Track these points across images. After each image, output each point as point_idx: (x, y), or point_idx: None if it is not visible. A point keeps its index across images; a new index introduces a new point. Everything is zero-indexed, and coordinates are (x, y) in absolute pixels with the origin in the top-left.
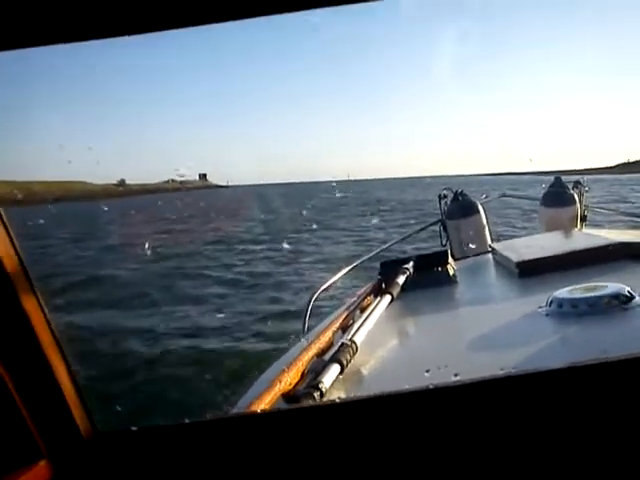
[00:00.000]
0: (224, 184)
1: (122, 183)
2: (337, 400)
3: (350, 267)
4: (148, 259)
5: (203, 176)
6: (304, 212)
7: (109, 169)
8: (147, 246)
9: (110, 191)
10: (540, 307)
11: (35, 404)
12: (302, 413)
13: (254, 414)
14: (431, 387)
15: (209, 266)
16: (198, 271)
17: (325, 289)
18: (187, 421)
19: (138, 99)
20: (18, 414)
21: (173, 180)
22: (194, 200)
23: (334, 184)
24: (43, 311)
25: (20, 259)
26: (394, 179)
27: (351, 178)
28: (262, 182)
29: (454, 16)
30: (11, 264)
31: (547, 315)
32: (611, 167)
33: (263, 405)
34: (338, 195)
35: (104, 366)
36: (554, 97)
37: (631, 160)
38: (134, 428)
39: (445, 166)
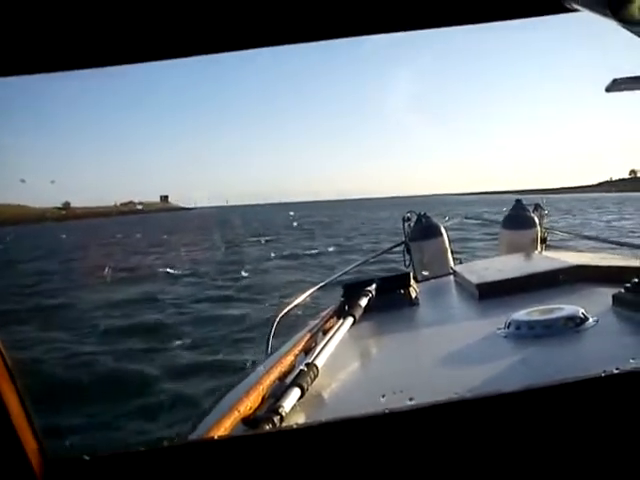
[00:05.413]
0: (188, 206)
1: (66, 206)
2: (294, 426)
3: (314, 288)
4: None
5: (164, 198)
6: None
7: (56, 190)
8: None
9: (51, 215)
10: (499, 329)
11: None
12: (260, 439)
13: (212, 440)
14: (386, 412)
15: None
16: None
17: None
18: (142, 449)
19: (91, 114)
20: None
21: (130, 202)
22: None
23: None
24: None
25: None
26: (364, 200)
27: (318, 199)
28: (231, 204)
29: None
30: None
31: (505, 337)
32: (593, 185)
33: (223, 430)
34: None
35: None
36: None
37: (613, 178)
38: (86, 457)
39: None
